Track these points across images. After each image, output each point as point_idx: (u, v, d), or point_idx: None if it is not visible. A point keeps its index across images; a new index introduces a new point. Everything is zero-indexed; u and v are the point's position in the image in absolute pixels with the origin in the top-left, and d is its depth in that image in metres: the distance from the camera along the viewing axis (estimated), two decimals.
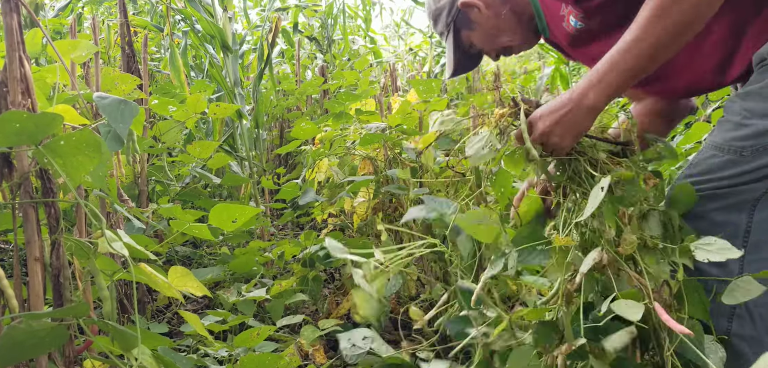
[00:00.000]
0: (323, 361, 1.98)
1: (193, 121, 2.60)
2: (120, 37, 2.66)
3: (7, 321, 1.06)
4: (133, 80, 1.90)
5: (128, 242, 1.17)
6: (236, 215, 1.67)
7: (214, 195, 4.34)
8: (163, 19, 4.86)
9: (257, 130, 4.48)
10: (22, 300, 1.13)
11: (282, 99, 4.67)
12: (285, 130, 4.85)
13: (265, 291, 2.18)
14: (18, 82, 1.09)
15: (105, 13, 5.55)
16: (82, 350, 1.21)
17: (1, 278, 1.10)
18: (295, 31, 5.80)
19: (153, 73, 4.50)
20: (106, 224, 1.36)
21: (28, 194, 1.11)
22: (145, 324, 2.21)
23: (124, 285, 2.06)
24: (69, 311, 1.07)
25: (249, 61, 5.32)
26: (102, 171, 1.20)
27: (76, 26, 1.86)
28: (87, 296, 1.32)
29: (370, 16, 6.86)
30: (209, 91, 3.15)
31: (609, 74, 1.19)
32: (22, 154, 1.10)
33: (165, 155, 2.69)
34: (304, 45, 6.11)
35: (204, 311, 2.46)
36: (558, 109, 1.23)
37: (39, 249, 1.10)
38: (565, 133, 1.23)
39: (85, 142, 1.06)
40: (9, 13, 1.09)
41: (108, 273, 1.29)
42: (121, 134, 1.23)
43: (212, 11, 4.12)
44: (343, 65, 5.46)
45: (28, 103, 1.11)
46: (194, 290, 1.37)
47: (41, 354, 1.07)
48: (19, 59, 1.09)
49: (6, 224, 1.31)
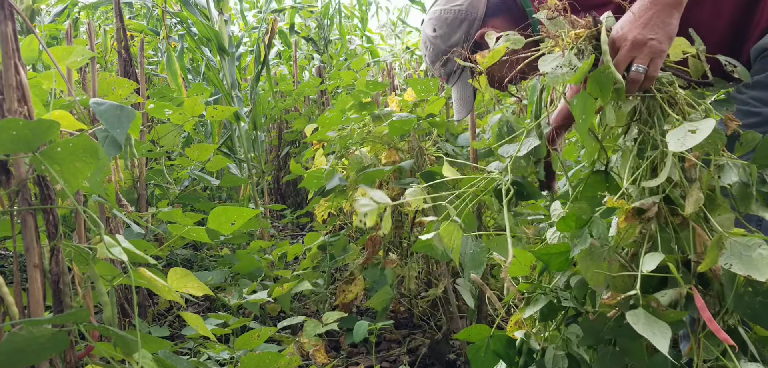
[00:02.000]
0: (324, 361, 1.98)
1: (191, 124, 2.60)
2: (116, 41, 2.65)
3: (7, 328, 1.06)
4: (130, 85, 1.89)
5: (127, 247, 1.17)
6: (235, 217, 1.67)
7: (213, 197, 4.34)
8: (159, 23, 4.86)
9: (255, 131, 4.48)
10: (22, 307, 1.13)
11: (279, 100, 4.67)
12: (283, 131, 4.85)
13: (266, 294, 2.18)
14: (14, 89, 1.09)
15: (101, 17, 5.54)
16: (83, 355, 1.21)
17: (0, 285, 1.10)
18: (291, 32, 5.80)
19: (150, 76, 4.50)
20: (105, 229, 1.36)
21: (26, 201, 1.11)
22: (146, 328, 2.21)
23: (124, 289, 2.06)
24: (69, 317, 1.07)
25: (246, 63, 5.32)
26: (100, 176, 1.20)
27: (72, 31, 1.86)
28: (87, 301, 1.32)
29: (366, 16, 6.86)
30: (206, 94, 3.15)
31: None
32: (19, 161, 1.10)
33: (163, 159, 2.69)
34: (300, 46, 6.11)
35: (205, 314, 2.46)
36: (642, 14, 1.10)
37: (38, 255, 1.10)
38: (661, 35, 1.09)
39: (82, 148, 1.06)
40: (4, 20, 1.08)
41: (108, 279, 1.29)
42: (119, 139, 1.23)
43: (208, 14, 4.12)
44: (340, 65, 5.46)
45: (24, 110, 1.11)
46: (194, 291, 1.37)
47: (42, 360, 1.07)
48: (14, 66, 1.09)
49: (5, 231, 1.31)
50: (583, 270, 1.03)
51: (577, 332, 1.11)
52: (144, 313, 2.33)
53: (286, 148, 4.81)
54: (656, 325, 0.91)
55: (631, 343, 1.02)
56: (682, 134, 0.97)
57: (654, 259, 0.96)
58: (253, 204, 4.00)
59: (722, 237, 0.95)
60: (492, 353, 1.23)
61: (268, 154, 5.00)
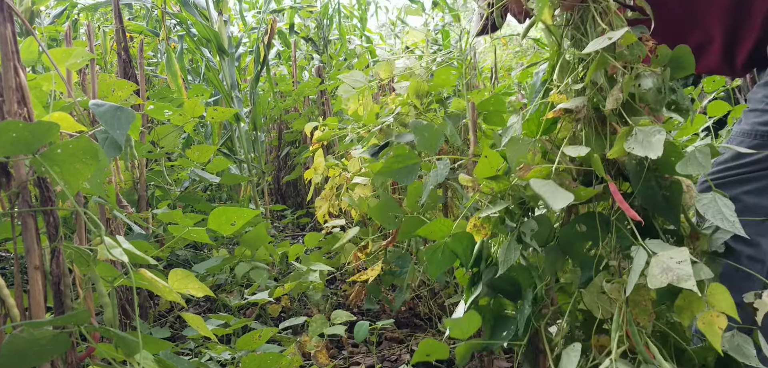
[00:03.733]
0: (326, 362, 1.98)
1: (191, 125, 2.60)
2: (116, 43, 2.66)
3: (8, 330, 1.06)
4: (130, 86, 1.89)
5: (128, 248, 1.17)
6: (235, 218, 1.67)
7: (213, 199, 4.34)
8: (158, 24, 4.86)
9: (255, 132, 4.48)
10: (23, 308, 1.13)
11: (279, 101, 4.67)
12: (283, 132, 4.85)
13: (267, 294, 2.18)
14: (14, 91, 1.09)
15: (101, 19, 5.54)
16: (85, 357, 1.21)
17: (1, 287, 1.10)
18: (291, 33, 5.80)
19: (150, 77, 4.50)
20: (106, 230, 1.36)
21: (27, 203, 1.11)
22: (147, 329, 2.21)
23: (125, 290, 2.06)
24: (70, 318, 1.07)
25: (245, 64, 5.32)
26: (100, 177, 1.20)
27: (71, 33, 1.86)
28: (88, 303, 1.32)
29: (365, 16, 6.86)
30: (206, 94, 3.15)
31: None
32: (19, 163, 1.11)
33: (164, 160, 2.69)
34: (300, 46, 6.11)
35: (206, 314, 2.46)
36: None
37: (39, 257, 1.11)
38: None
39: (82, 150, 1.06)
40: (3, 22, 1.08)
41: (108, 280, 1.29)
42: (119, 140, 1.23)
43: (207, 15, 4.12)
44: (339, 65, 5.46)
45: (24, 112, 1.11)
46: (195, 291, 1.37)
47: (43, 362, 1.07)
48: (14, 68, 1.09)
49: (5, 233, 1.31)
50: (509, 157, 1.21)
51: (532, 226, 1.22)
52: (145, 314, 2.33)
53: (286, 149, 4.81)
54: (558, 193, 1.06)
55: (575, 243, 1.15)
56: (603, 41, 1.11)
57: (577, 149, 1.11)
58: (254, 205, 4.00)
59: (632, 128, 1.10)
60: (449, 252, 1.31)
61: (268, 155, 5.00)
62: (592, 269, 1.13)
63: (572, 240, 1.15)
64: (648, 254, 1.00)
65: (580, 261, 1.15)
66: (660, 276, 0.93)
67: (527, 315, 1.20)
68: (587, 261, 1.14)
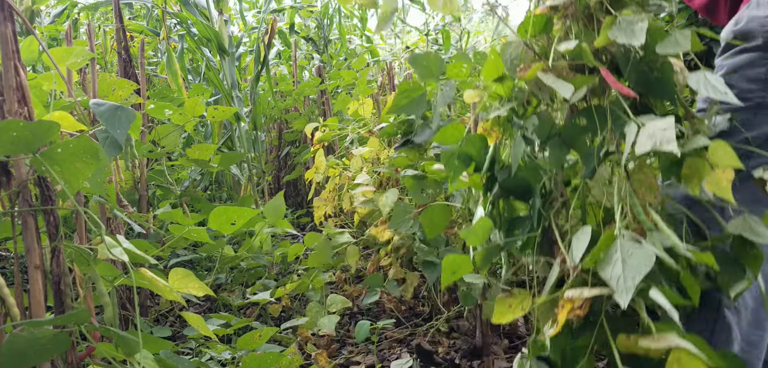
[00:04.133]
0: (326, 364, 1.98)
1: (192, 125, 2.60)
2: (116, 42, 2.65)
3: (9, 329, 1.06)
4: (130, 85, 1.90)
5: (128, 247, 1.17)
6: (235, 217, 1.67)
7: (213, 198, 4.34)
8: (159, 24, 4.86)
9: (255, 131, 4.48)
10: (23, 308, 1.13)
11: (279, 100, 4.67)
12: (283, 131, 4.85)
13: (268, 294, 2.18)
14: (14, 90, 1.09)
15: (101, 18, 5.54)
16: (85, 356, 1.21)
17: (1, 286, 1.10)
18: (291, 32, 5.80)
19: (150, 77, 4.50)
20: (106, 230, 1.36)
21: (27, 202, 1.11)
22: (147, 328, 2.21)
23: (126, 290, 2.06)
24: (70, 318, 1.07)
25: (246, 64, 5.32)
26: (100, 177, 1.20)
27: (71, 32, 1.86)
28: (88, 302, 1.32)
29: (366, 15, 6.85)
30: (207, 94, 3.15)
31: None
32: (19, 162, 1.11)
33: (164, 159, 2.69)
34: (300, 46, 6.11)
35: (207, 314, 2.46)
36: None
37: (39, 256, 1.11)
38: None
39: (82, 149, 1.06)
40: (3, 21, 1.08)
41: (109, 279, 1.30)
42: (119, 140, 1.23)
43: (208, 15, 4.12)
44: (340, 65, 5.46)
45: (24, 111, 1.11)
46: (195, 291, 1.37)
47: (44, 361, 1.07)
48: (14, 68, 1.09)
49: (5, 232, 1.31)
50: (504, 59, 1.25)
51: (533, 122, 1.26)
52: (145, 314, 2.33)
53: (286, 148, 4.82)
54: (561, 83, 1.10)
55: (577, 137, 1.20)
56: None
57: (567, 44, 1.14)
58: (254, 205, 4.00)
59: (616, 17, 1.13)
60: (464, 156, 1.35)
61: (268, 154, 5.00)
62: (594, 159, 1.17)
63: (574, 134, 1.21)
64: (638, 126, 1.04)
65: (583, 154, 1.20)
66: (646, 143, 0.98)
67: (538, 208, 1.25)
68: (590, 153, 1.18)
